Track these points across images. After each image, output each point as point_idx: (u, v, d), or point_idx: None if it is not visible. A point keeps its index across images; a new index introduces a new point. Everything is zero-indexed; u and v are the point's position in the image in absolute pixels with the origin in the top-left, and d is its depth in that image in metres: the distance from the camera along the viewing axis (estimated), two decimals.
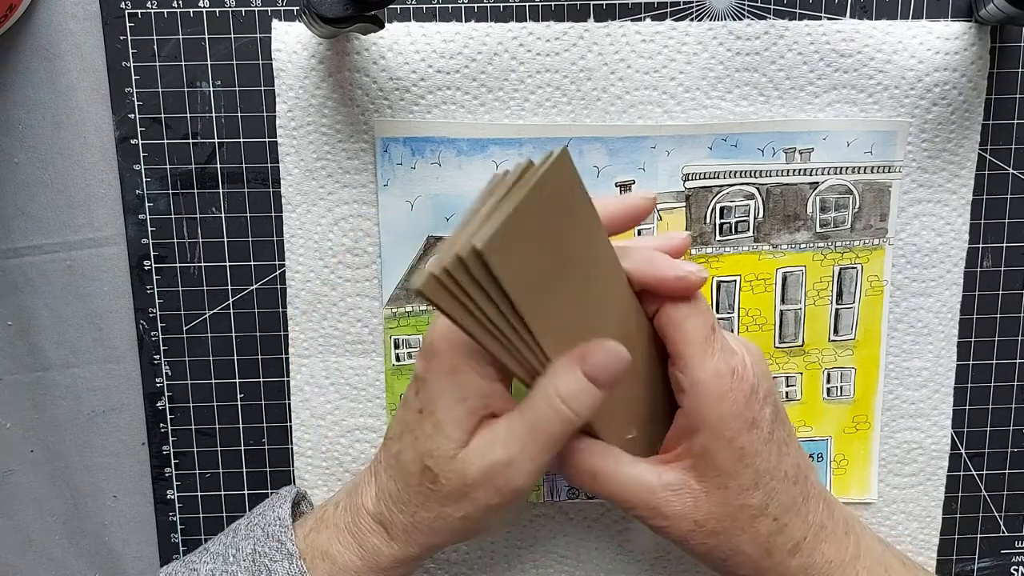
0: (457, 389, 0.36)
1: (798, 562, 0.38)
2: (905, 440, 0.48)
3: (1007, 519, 0.49)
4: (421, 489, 0.37)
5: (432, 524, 0.38)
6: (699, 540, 0.38)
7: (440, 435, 0.36)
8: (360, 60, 0.44)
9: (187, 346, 0.47)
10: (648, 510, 0.38)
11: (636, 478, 0.38)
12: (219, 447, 0.48)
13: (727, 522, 0.37)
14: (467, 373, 0.36)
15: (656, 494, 0.38)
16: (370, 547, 0.38)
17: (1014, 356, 0.48)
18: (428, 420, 0.37)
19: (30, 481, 0.48)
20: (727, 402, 0.36)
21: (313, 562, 0.38)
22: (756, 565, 0.38)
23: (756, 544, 0.38)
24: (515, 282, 0.32)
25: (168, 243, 0.46)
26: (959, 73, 0.44)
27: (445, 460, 0.36)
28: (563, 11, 0.44)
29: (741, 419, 0.37)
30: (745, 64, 0.44)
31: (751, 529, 0.38)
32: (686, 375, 0.37)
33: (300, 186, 0.45)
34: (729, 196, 0.45)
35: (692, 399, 0.37)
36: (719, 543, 0.38)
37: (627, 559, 0.49)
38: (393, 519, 0.38)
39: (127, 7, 0.44)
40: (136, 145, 0.45)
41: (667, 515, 0.38)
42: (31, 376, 0.47)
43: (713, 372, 0.37)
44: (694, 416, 0.37)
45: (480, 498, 0.36)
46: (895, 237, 0.46)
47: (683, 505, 0.37)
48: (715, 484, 0.37)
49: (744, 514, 0.37)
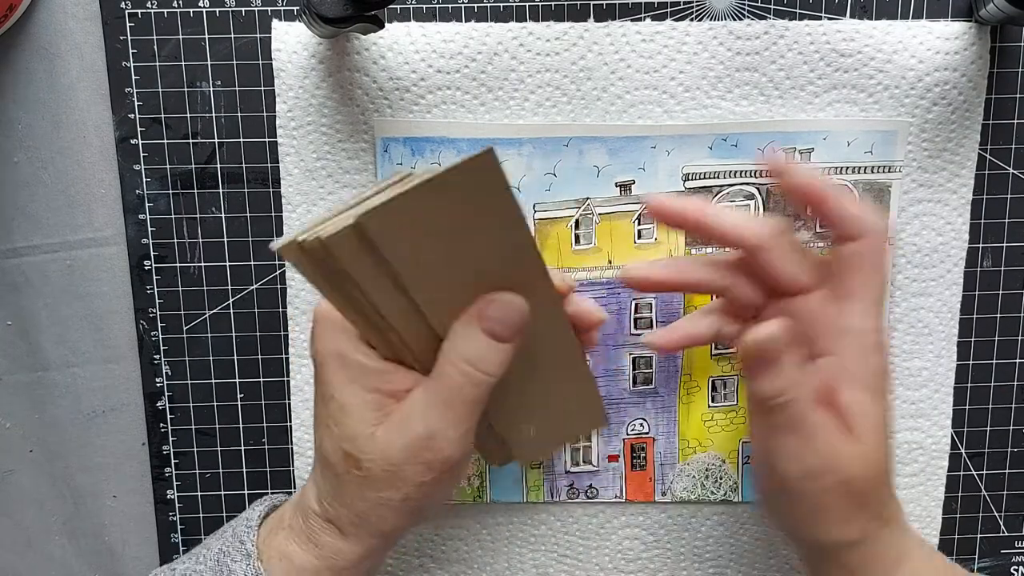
0: (347, 371, 0.36)
1: (888, 491, 0.39)
2: (905, 440, 0.48)
3: (1007, 519, 0.49)
4: (349, 478, 0.36)
5: (375, 512, 0.36)
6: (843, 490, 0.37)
7: (348, 418, 0.36)
8: (360, 60, 0.44)
9: (187, 346, 0.47)
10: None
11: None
12: (219, 447, 0.48)
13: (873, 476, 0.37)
14: (351, 355, 0.36)
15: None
16: (326, 546, 0.37)
17: (1014, 356, 0.48)
18: (332, 404, 0.36)
19: (30, 481, 0.48)
20: (880, 270, 0.38)
21: (271, 563, 0.37)
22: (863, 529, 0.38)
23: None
24: (398, 256, 0.32)
25: (168, 243, 0.46)
26: (959, 73, 0.44)
27: (363, 441, 0.35)
28: (563, 11, 0.44)
29: (880, 296, 0.38)
30: (745, 64, 0.44)
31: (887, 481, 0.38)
32: (858, 226, 0.37)
33: (300, 186, 0.45)
34: (729, 196, 0.45)
35: (864, 245, 0.37)
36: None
37: (627, 559, 0.49)
38: (339, 515, 0.37)
39: (127, 7, 0.44)
40: (136, 145, 0.45)
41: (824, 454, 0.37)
42: (31, 376, 0.47)
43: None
44: (861, 255, 0.37)
45: (411, 476, 0.35)
46: (895, 237, 0.46)
47: (835, 451, 0.37)
48: (868, 433, 0.37)
49: (884, 466, 0.38)
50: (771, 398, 0.37)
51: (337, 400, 0.36)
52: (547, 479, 0.48)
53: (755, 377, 0.37)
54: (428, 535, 0.49)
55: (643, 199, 0.43)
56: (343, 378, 0.36)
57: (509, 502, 0.48)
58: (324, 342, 0.36)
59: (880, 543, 0.38)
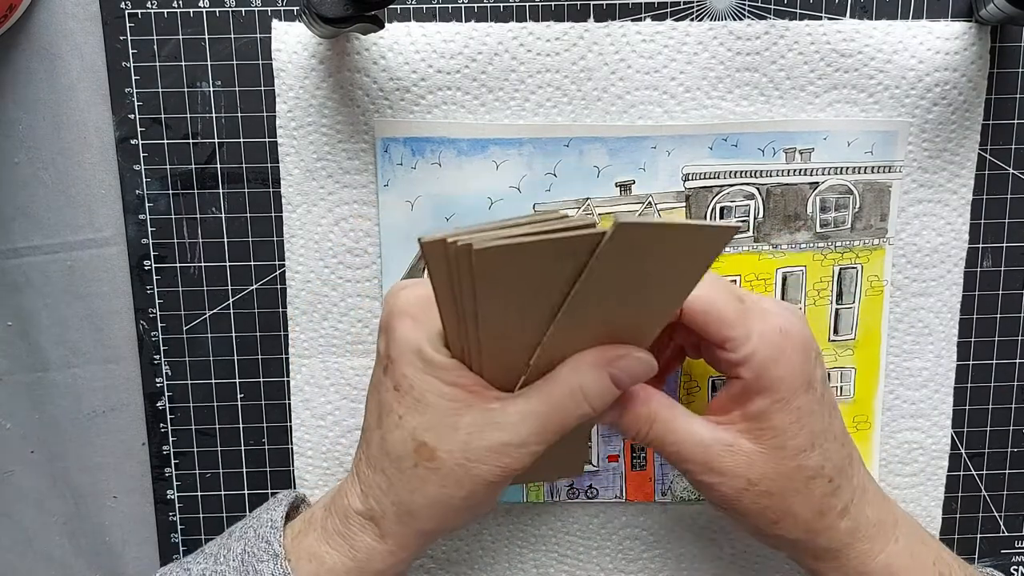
0: (425, 365, 0.36)
1: (846, 524, 0.39)
2: (905, 440, 0.48)
3: (1007, 519, 0.49)
4: (417, 471, 0.36)
5: (429, 510, 0.37)
6: (751, 500, 0.38)
7: (426, 407, 0.36)
8: (360, 60, 0.44)
9: (187, 346, 0.47)
10: (701, 464, 0.38)
11: (693, 431, 0.38)
12: (219, 447, 0.48)
13: (781, 482, 0.37)
14: (431, 350, 0.36)
15: (711, 448, 0.38)
16: (362, 547, 0.37)
17: (1014, 356, 0.48)
18: (408, 396, 0.36)
19: (30, 481, 0.48)
20: (782, 363, 0.37)
21: (299, 564, 0.37)
22: (808, 527, 0.38)
23: (809, 505, 0.38)
24: (486, 293, 0.33)
25: (168, 243, 0.46)
26: (959, 73, 0.44)
27: (444, 431, 0.36)
28: (563, 11, 0.44)
29: (798, 379, 0.37)
30: (745, 64, 0.44)
31: (806, 490, 0.38)
32: (737, 352, 0.37)
33: (300, 186, 0.45)
34: (729, 196, 0.45)
35: (748, 370, 0.37)
36: (772, 504, 0.38)
37: (627, 559, 0.49)
38: (384, 513, 0.37)
39: (127, 7, 0.44)
40: (136, 145, 0.45)
41: (721, 471, 0.37)
42: (31, 376, 0.47)
43: (760, 337, 0.37)
44: (752, 385, 0.37)
45: (483, 475, 0.36)
46: (895, 237, 0.46)
47: (736, 463, 0.37)
48: (771, 445, 0.37)
49: (800, 475, 0.38)
50: (635, 437, 0.39)
51: (417, 390, 0.36)
52: None
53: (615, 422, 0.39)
54: None
55: None
56: (422, 371, 0.36)
57: (509, 502, 0.48)
58: (407, 336, 0.36)
59: (833, 534, 0.39)
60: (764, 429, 0.37)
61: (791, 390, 0.37)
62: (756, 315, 0.38)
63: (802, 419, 0.37)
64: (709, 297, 0.37)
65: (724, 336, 0.37)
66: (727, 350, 0.37)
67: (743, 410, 0.38)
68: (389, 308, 0.37)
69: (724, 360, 0.38)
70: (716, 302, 0.37)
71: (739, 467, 0.37)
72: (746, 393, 0.38)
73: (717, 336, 0.37)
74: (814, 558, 0.39)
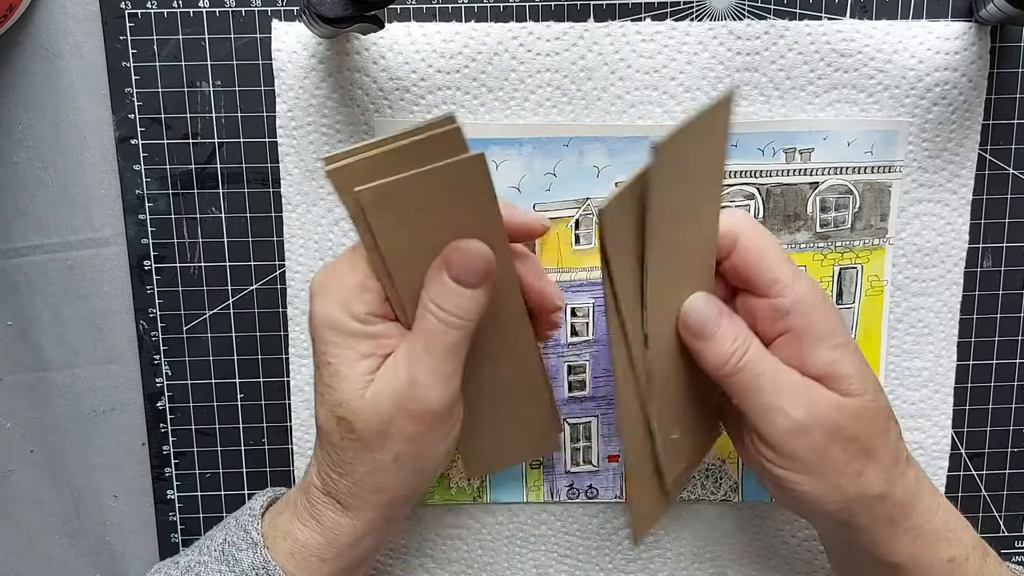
0: (341, 337, 0.36)
1: (913, 473, 0.38)
2: (905, 440, 0.48)
3: (1007, 519, 0.49)
4: (344, 444, 0.37)
5: (371, 479, 0.37)
6: (840, 447, 0.37)
7: (342, 382, 0.36)
8: (360, 60, 0.44)
9: (187, 346, 0.47)
10: (799, 399, 0.36)
11: (782, 368, 0.37)
12: (219, 447, 0.48)
13: (869, 426, 0.37)
14: (345, 321, 0.36)
15: (798, 383, 0.37)
16: (328, 521, 0.38)
17: (1014, 356, 0.48)
18: (327, 371, 0.37)
19: (30, 481, 0.49)
20: (828, 308, 0.37)
21: (275, 542, 0.38)
22: (888, 474, 0.37)
23: (888, 449, 0.38)
24: (381, 231, 0.35)
25: (168, 243, 0.46)
26: (959, 73, 0.44)
27: (355, 403, 0.36)
28: (563, 11, 0.44)
29: (841, 325, 0.38)
30: (745, 64, 0.44)
31: (886, 432, 0.38)
32: (786, 295, 0.37)
33: (300, 186, 0.45)
34: (729, 196, 0.45)
35: (798, 316, 0.37)
36: (859, 450, 0.37)
37: (627, 559, 0.49)
38: (338, 487, 0.38)
39: (127, 7, 0.44)
40: (136, 145, 0.45)
41: (810, 405, 0.36)
42: (31, 376, 0.47)
43: (808, 286, 0.37)
44: (804, 335, 0.37)
45: (400, 430, 0.36)
46: (895, 237, 0.46)
47: (824, 406, 0.37)
48: (853, 391, 0.37)
49: (881, 416, 0.38)
50: (720, 369, 0.37)
51: (332, 365, 0.37)
52: (547, 479, 0.48)
53: (702, 358, 0.38)
54: (428, 535, 0.49)
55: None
56: (337, 344, 0.37)
57: (509, 502, 0.48)
58: (318, 311, 0.37)
59: (906, 484, 0.38)
60: (839, 378, 0.37)
61: (842, 335, 0.37)
62: (798, 268, 0.38)
63: (861, 362, 0.37)
64: (763, 243, 0.38)
65: (774, 277, 0.37)
66: (773, 296, 0.37)
67: (803, 372, 0.37)
68: (309, 288, 0.38)
69: (772, 309, 0.37)
70: (769, 248, 0.38)
71: (827, 411, 0.36)
72: (801, 347, 0.37)
73: (768, 276, 0.37)
74: (889, 521, 0.38)
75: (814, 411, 0.36)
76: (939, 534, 0.38)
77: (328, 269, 0.38)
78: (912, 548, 0.38)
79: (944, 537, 0.38)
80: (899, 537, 0.38)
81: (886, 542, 0.38)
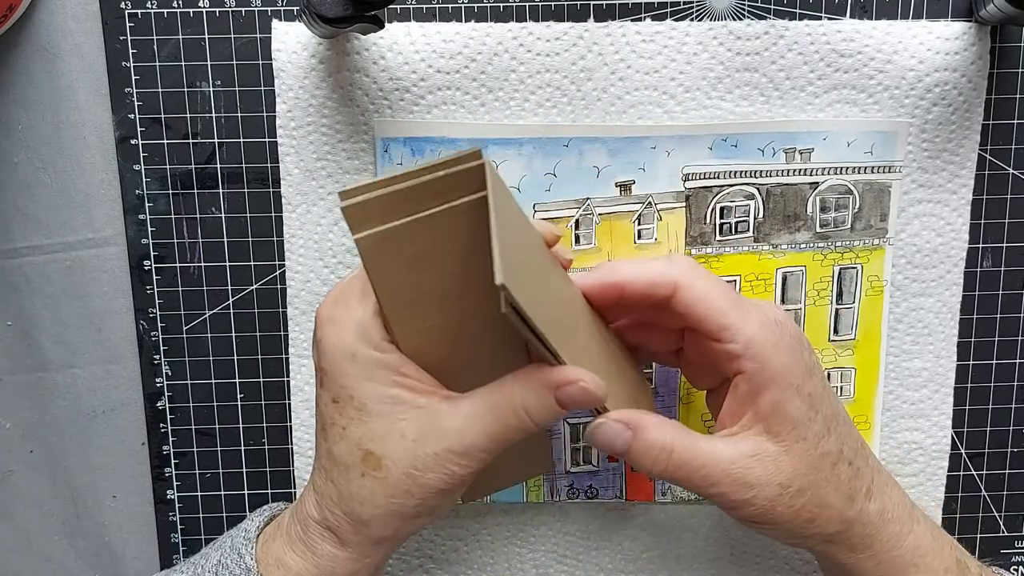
0: (362, 369, 0.35)
1: (875, 506, 0.38)
2: (905, 440, 0.48)
3: (1007, 519, 0.49)
4: (363, 481, 0.35)
5: (381, 520, 0.36)
6: (786, 504, 0.37)
7: (369, 415, 0.35)
8: (360, 60, 0.44)
9: (187, 346, 0.47)
10: (731, 482, 0.36)
11: (715, 451, 0.37)
12: (219, 447, 0.48)
13: (811, 475, 0.37)
14: (365, 351, 0.35)
15: (736, 463, 0.36)
16: (324, 554, 0.37)
17: (1014, 356, 0.48)
18: (348, 406, 0.35)
19: (30, 481, 0.49)
20: (783, 350, 0.37)
21: (268, 569, 0.37)
22: (842, 516, 0.38)
23: (839, 492, 0.37)
24: (380, 278, 0.34)
25: (168, 243, 0.46)
26: (959, 73, 0.44)
27: (390, 440, 0.35)
28: (563, 11, 0.44)
29: (801, 365, 0.37)
30: (745, 64, 0.44)
31: (833, 477, 0.37)
32: (736, 340, 0.37)
33: (300, 186, 0.45)
34: (729, 196, 0.45)
35: (750, 360, 0.37)
36: (807, 501, 0.37)
37: (627, 559, 0.49)
38: (339, 523, 0.36)
39: (127, 7, 0.44)
40: (136, 145, 0.45)
41: (752, 483, 0.36)
42: (31, 376, 0.47)
43: (759, 326, 0.37)
44: (756, 376, 0.37)
45: (432, 483, 0.35)
46: (895, 237, 0.46)
47: (765, 470, 0.37)
48: (792, 438, 0.37)
49: (825, 462, 0.37)
50: (651, 470, 0.37)
51: (357, 399, 0.35)
52: (547, 479, 0.48)
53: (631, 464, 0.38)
54: (428, 535, 0.49)
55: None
56: (360, 376, 0.35)
57: (509, 502, 0.48)
58: (333, 342, 0.36)
59: (866, 518, 0.38)
60: (782, 424, 0.37)
61: (798, 376, 0.37)
62: (750, 307, 0.38)
63: (814, 405, 0.37)
64: (705, 288, 0.37)
65: (721, 325, 0.37)
66: (725, 341, 0.37)
67: (755, 409, 0.37)
68: (316, 319, 0.37)
69: (724, 354, 0.37)
70: (711, 293, 0.37)
71: (768, 473, 0.37)
72: (753, 390, 0.37)
73: (715, 325, 0.37)
74: (850, 549, 0.38)
75: (752, 487, 0.36)
76: (905, 560, 0.38)
77: (335, 297, 0.37)
78: (877, 572, 0.39)
79: (912, 563, 0.38)
80: (862, 562, 0.39)
81: (851, 566, 0.39)
